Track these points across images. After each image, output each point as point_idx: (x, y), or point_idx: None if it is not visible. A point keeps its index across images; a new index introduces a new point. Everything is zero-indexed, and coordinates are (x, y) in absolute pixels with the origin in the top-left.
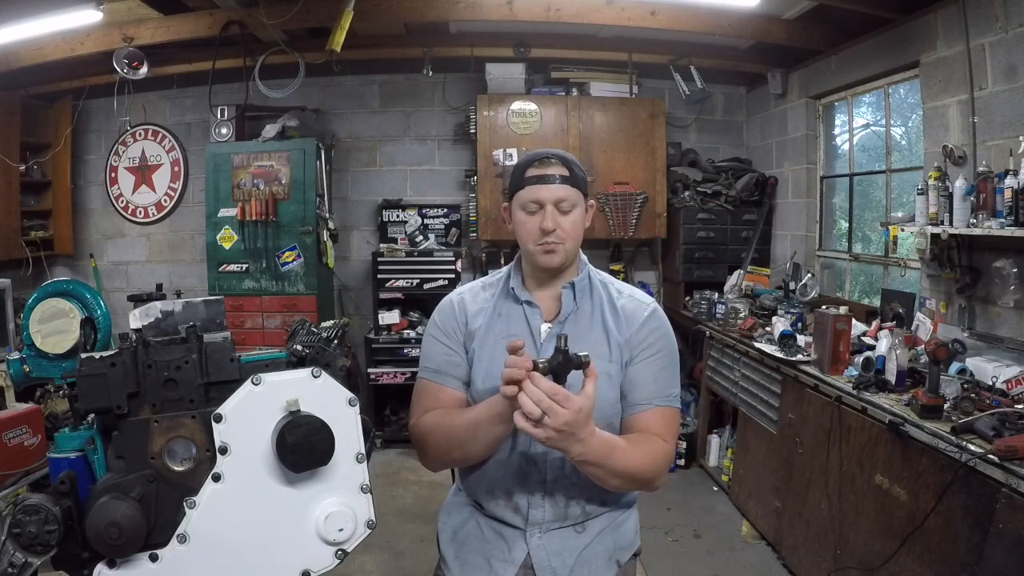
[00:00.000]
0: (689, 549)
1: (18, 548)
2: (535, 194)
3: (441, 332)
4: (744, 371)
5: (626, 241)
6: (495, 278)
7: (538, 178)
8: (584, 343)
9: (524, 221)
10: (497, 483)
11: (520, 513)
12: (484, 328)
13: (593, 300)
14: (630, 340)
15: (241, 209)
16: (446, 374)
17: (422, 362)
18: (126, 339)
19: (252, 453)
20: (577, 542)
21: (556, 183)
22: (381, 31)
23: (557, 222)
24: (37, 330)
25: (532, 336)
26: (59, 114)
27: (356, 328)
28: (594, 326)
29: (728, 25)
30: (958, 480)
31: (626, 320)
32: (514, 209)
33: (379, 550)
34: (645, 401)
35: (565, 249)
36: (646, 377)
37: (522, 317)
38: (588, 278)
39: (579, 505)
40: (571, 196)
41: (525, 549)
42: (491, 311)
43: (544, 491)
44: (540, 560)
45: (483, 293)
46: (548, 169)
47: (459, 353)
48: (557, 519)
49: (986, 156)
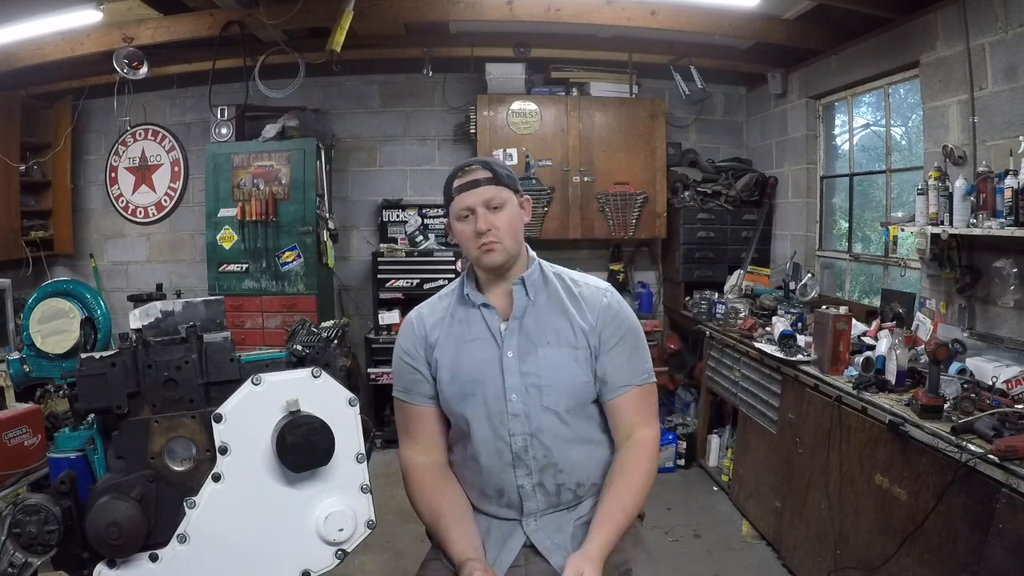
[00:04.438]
0: (689, 549)
1: (18, 548)
2: (463, 202)
3: (405, 352)
4: (744, 371)
5: (626, 241)
6: (450, 288)
7: (463, 186)
8: (547, 331)
9: (461, 229)
10: (486, 484)
11: (514, 507)
12: (444, 336)
13: (549, 291)
14: (595, 327)
15: (241, 209)
16: (414, 392)
17: (394, 383)
18: (126, 339)
19: (252, 453)
20: (572, 515)
21: (481, 186)
22: (381, 31)
23: (490, 221)
24: (37, 330)
25: (493, 336)
26: (59, 114)
27: (356, 328)
28: (554, 314)
29: (728, 25)
30: (958, 480)
31: (587, 306)
32: (452, 222)
33: (379, 550)
34: (623, 384)
35: (504, 247)
36: (620, 362)
37: (480, 320)
38: (540, 271)
39: (569, 491)
40: (498, 194)
41: (523, 536)
42: (449, 319)
43: (533, 483)
44: (541, 541)
45: (440, 304)
46: (471, 175)
47: (421, 371)
48: (550, 506)
49: (986, 156)
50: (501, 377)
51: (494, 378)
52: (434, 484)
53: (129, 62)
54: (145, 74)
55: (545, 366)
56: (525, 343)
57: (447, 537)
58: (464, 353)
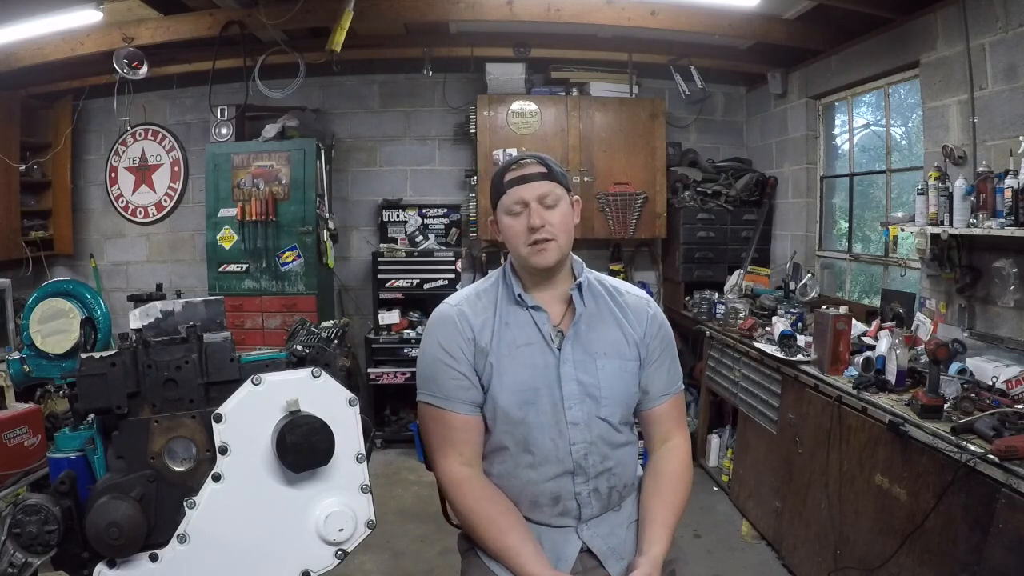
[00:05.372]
0: (689, 549)
1: (18, 548)
2: (517, 194)
3: (446, 353)
4: (744, 371)
5: (626, 241)
6: (487, 284)
7: (517, 179)
8: (603, 341)
9: (511, 224)
10: (541, 493)
11: (569, 514)
12: (496, 340)
13: (598, 299)
14: (644, 338)
15: (241, 209)
16: (457, 400)
17: (424, 382)
18: (126, 339)
19: (252, 453)
20: (620, 517)
21: (535, 180)
22: (381, 31)
23: (544, 217)
24: (37, 330)
25: (546, 341)
26: (59, 114)
27: (356, 328)
28: (607, 323)
29: (728, 25)
30: (958, 480)
31: (635, 316)
32: (499, 217)
33: (379, 550)
34: (663, 394)
35: (558, 245)
36: (661, 373)
37: (530, 323)
38: (587, 278)
39: (617, 492)
40: (553, 191)
41: (579, 542)
42: (495, 320)
43: (589, 489)
44: (599, 546)
45: (480, 302)
46: (525, 169)
47: (468, 376)
48: (603, 509)
49: (986, 156)
50: (559, 385)
51: (551, 386)
52: (494, 499)
53: (129, 62)
54: (145, 74)
55: (603, 377)
56: (581, 352)
57: (520, 553)
58: (520, 359)
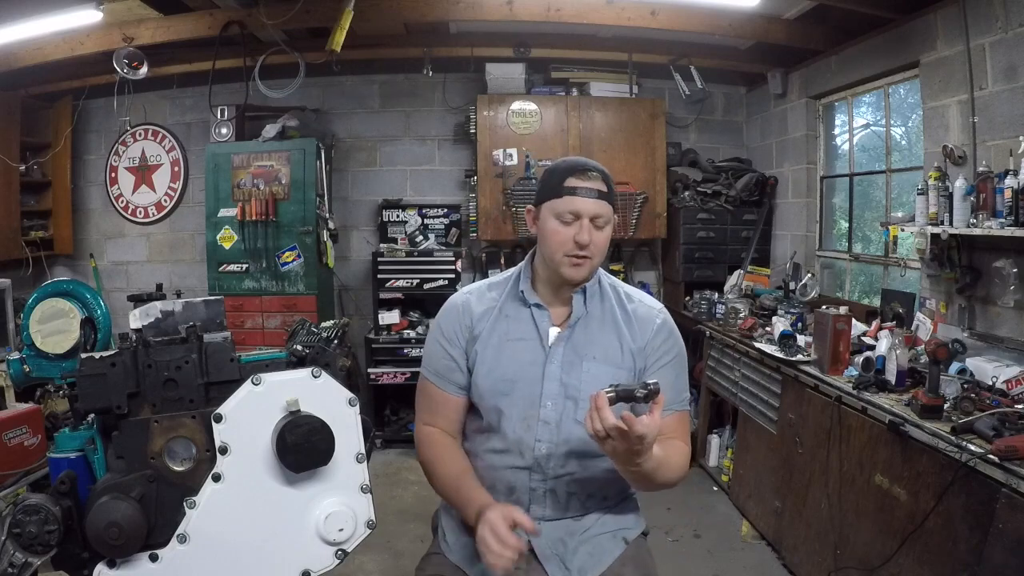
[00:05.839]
0: (689, 549)
1: (18, 548)
2: (574, 205)
3: (444, 337)
4: (744, 371)
5: (626, 241)
6: (502, 278)
7: (579, 190)
8: (595, 345)
9: (557, 230)
10: (498, 479)
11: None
12: (488, 329)
13: (604, 304)
14: (644, 348)
15: (241, 209)
16: (446, 380)
17: (425, 360)
18: (126, 339)
19: (252, 453)
20: (577, 526)
21: (595, 197)
22: (381, 31)
23: (593, 237)
24: (37, 330)
25: (540, 338)
26: (59, 114)
27: (356, 328)
28: (605, 328)
29: (728, 25)
30: (958, 480)
31: (639, 326)
32: (544, 215)
33: (379, 550)
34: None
35: (592, 264)
36: (663, 385)
37: (529, 319)
38: (598, 282)
39: (579, 501)
40: (606, 213)
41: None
42: (496, 312)
43: (546, 488)
44: (542, 548)
45: (489, 293)
46: (589, 182)
47: (458, 360)
48: (557, 513)
49: (986, 156)
50: (540, 382)
51: (532, 381)
52: (456, 452)
53: (129, 62)
54: (145, 74)
55: (586, 380)
56: (571, 353)
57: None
58: (507, 351)
